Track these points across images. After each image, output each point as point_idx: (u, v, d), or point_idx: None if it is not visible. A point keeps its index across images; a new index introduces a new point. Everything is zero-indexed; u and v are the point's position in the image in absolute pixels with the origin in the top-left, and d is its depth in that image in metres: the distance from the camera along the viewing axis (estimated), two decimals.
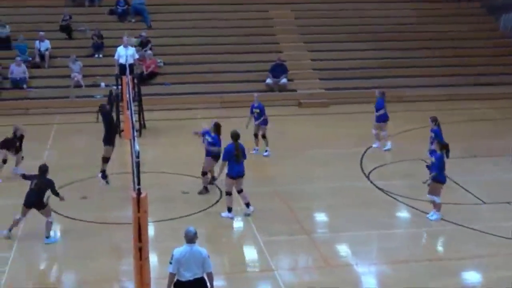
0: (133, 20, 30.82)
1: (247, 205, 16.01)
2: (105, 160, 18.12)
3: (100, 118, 18.56)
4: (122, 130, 22.44)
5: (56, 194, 14.85)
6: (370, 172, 18.92)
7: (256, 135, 20.75)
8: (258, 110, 20.78)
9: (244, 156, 15.83)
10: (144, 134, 22.75)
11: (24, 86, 27.08)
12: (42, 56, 28.17)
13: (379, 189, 17.77)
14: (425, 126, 19.86)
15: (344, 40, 30.88)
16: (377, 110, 21.09)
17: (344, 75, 29.32)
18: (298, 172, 19.29)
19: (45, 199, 14.66)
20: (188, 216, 15.85)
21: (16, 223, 14.75)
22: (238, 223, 15.81)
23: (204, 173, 17.39)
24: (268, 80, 28.20)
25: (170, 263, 10.46)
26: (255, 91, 27.62)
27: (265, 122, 20.74)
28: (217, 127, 17.20)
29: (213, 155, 17.12)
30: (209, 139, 17.15)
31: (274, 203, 16.86)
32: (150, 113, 24.08)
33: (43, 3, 31.06)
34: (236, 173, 15.65)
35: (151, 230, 13.89)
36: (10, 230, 14.75)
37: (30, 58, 28.18)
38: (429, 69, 29.99)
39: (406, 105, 26.86)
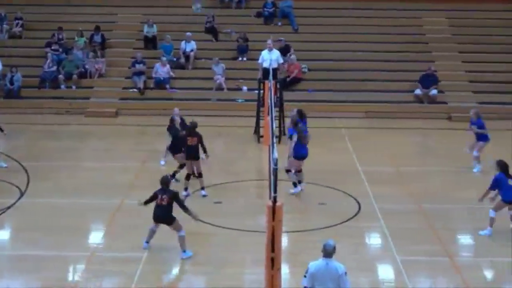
0: (279, 24, 30.31)
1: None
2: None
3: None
4: (262, 136, 22.05)
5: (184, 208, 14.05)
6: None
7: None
8: (475, 127, 19.65)
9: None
10: (283, 141, 22.09)
11: (167, 86, 27.13)
12: (187, 57, 28.15)
13: None
14: None
15: (502, 52, 29.02)
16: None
17: (501, 88, 27.49)
18: (445, 190, 18.31)
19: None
20: (324, 229, 15.38)
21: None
22: (375, 240, 15.47)
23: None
24: (417, 91, 27.04)
25: (305, 276, 10.10)
26: (403, 102, 26.95)
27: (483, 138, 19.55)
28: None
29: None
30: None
31: (417, 221, 16.07)
32: None
33: (191, 3, 31.06)
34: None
35: (285, 241, 13.83)
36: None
37: (175, 59, 28.23)
38: None
39: None
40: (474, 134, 19.69)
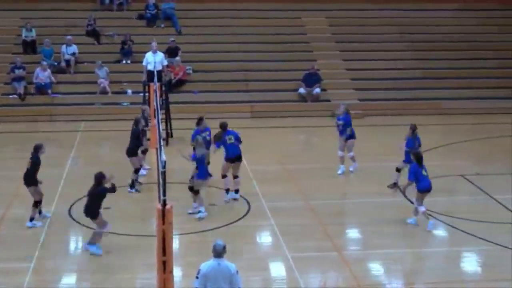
0: (162, 25, 30.11)
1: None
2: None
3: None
4: (149, 139, 21.83)
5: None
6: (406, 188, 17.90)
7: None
8: (342, 122, 19.33)
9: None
10: (171, 143, 22.05)
11: (49, 91, 26.46)
12: (68, 61, 27.55)
13: None
14: (465, 140, 19.21)
15: (381, 49, 29.86)
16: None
17: (380, 85, 28.33)
18: (331, 187, 18.73)
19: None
20: (215, 230, 15.46)
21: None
22: (266, 238, 15.59)
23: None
24: (301, 90, 27.48)
25: (197, 277, 10.03)
26: (287, 101, 27.31)
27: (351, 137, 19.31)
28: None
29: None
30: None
31: (306, 218, 16.35)
32: (178, 121, 23.30)
33: (71, 6, 30.41)
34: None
35: (175, 243, 13.78)
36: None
37: (56, 63, 27.58)
38: (470, 80, 28.86)
39: (443, 118, 26.27)
40: (340, 132, 19.33)
